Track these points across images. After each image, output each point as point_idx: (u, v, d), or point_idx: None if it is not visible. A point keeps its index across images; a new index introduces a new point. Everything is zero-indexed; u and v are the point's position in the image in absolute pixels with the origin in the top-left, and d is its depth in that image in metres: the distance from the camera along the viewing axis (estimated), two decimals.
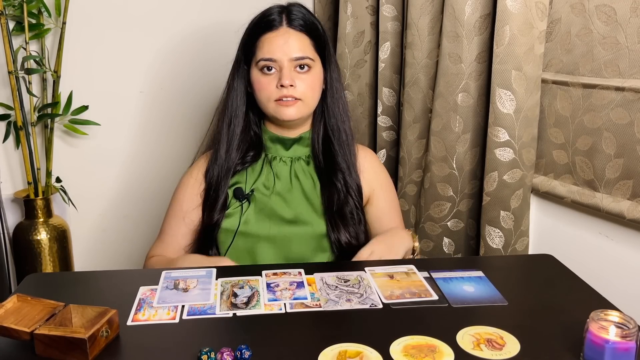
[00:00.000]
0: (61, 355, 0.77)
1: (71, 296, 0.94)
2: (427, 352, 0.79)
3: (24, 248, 1.72)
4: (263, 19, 1.18)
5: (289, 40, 1.15)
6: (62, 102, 1.75)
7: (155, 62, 1.88)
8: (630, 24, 1.15)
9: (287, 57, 1.15)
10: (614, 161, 1.20)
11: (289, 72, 1.15)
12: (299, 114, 1.18)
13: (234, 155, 1.21)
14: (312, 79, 1.18)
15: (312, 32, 1.19)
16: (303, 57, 1.16)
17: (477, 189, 1.51)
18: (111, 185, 1.92)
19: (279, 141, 1.23)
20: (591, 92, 1.24)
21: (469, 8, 1.38)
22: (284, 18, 1.17)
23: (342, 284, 1.00)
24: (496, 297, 0.96)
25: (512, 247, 1.42)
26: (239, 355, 0.76)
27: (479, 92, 1.43)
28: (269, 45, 1.16)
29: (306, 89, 1.17)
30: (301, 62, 1.16)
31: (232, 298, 0.94)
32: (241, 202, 1.19)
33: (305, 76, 1.16)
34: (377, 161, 1.33)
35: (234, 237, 1.18)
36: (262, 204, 1.20)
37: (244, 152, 1.22)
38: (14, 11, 1.65)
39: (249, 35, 1.20)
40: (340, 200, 1.21)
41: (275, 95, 1.16)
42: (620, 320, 0.75)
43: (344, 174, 1.22)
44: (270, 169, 1.23)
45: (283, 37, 1.16)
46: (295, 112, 1.17)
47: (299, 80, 1.16)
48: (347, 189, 1.22)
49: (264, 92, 1.17)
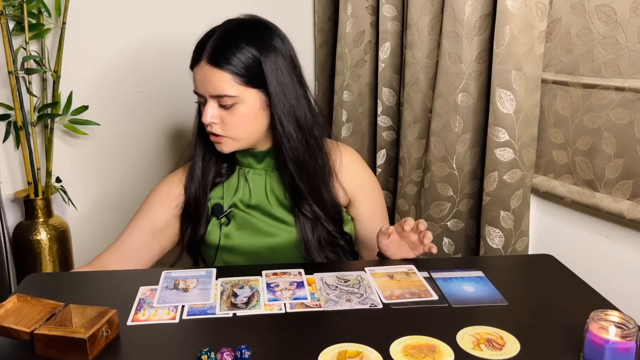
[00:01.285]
0: (61, 355, 0.77)
1: (71, 296, 0.94)
2: (427, 352, 0.79)
3: (24, 248, 1.72)
4: (195, 48, 1.12)
5: (206, 78, 1.08)
6: (62, 102, 1.75)
7: (155, 62, 1.88)
8: (630, 24, 1.15)
9: (208, 94, 1.09)
10: (614, 161, 1.20)
11: (209, 109, 1.09)
12: (230, 149, 1.13)
13: (210, 169, 1.18)
14: (238, 116, 1.09)
15: (236, 66, 1.07)
16: (221, 96, 1.07)
17: (477, 189, 1.51)
18: (111, 185, 1.92)
19: (250, 155, 1.18)
20: (591, 92, 1.24)
21: (469, 8, 1.38)
22: (206, 51, 1.08)
23: (342, 284, 1.00)
24: (496, 297, 0.96)
25: (512, 247, 1.42)
26: (239, 355, 0.76)
27: (479, 92, 1.43)
28: (195, 80, 1.11)
29: (230, 125, 1.09)
30: (221, 101, 1.08)
31: (232, 298, 0.94)
32: (219, 219, 1.17)
33: (230, 112, 1.09)
34: (358, 163, 1.25)
35: (216, 254, 1.17)
36: (242, 219, 1.17)
37: (219, 165, 1.19)
38: (14, 11, 1.65)
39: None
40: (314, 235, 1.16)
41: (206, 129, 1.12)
42: (620, 320, 0.75)
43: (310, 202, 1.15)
44: (246, 183, 1.19)
45: (201, 72, 1.09)
46: (225, 148, 1.12)
47: (224, 116, 1.09)
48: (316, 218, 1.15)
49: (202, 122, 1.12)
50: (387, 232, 1.09)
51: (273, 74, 1.09)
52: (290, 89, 1.11)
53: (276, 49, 1.10)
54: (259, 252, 1.16)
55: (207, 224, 1.17)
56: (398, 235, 1.10)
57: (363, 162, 1.27)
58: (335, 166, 1.19)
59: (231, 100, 1.08)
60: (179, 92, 1.92)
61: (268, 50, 1.09)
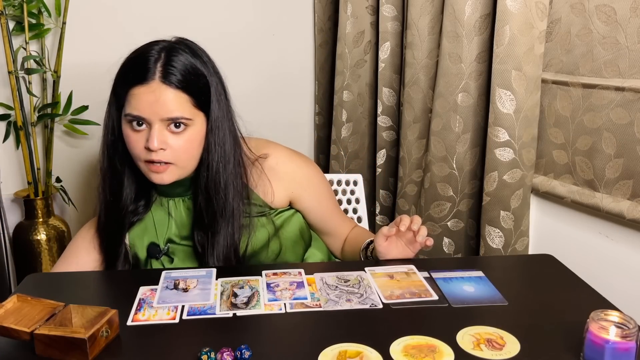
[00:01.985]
0: (61, 355, 0.77)
1: (71, 296, 0.94)
2: (427, 352, 0.79)
3: (24, 248, 1.72)
4: (136, 64, 1.02)
5: (160, 99, 0.98)
6: (62, 102, 1.75)
7: None
8: (630, 24, 1.15)
9: (158, 117, 0.98)
10: (614, 161, 1.20)
11: (159, 133, 0.98)
12: (173, 178, 1.03)
13: (121, 210, 1.08)
14: (188, 140, 1.01)
15: (192, 87, 1.01)
16: (177, 118, 0.99)
17: (477, 189, 1.51)
18: None
19: (177, 184, 1.07)
20: (591, 92, 1.24)
21: (469, 8, 1.38)
22: (159, 69, 0.99)
23: (342, 284, 1.00)
24: (496, 297, 0.96)
25: (512, 247, 1.42)
26: (239, 355, 0.76)
27: (479, 92, 1.43)
28: (138, 101, 0.99)
29: (179, 151, 1.01)
30: (172, 125, 1.00)
31: (232, 298, 0.94)
32: (158, 259, 1.11)
33: (178, 137, 1.00)
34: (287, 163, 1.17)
35: None
36: (182, 252, 1.12)
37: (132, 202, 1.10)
38: (14, 11, 1.65)
39: (120, 81, 1.04)
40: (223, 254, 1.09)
41: (143, 157, 1.01)
42: (620, 320, 0.75)
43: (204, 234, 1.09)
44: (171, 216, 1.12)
45: (154, 94, 0.98)
46: (167, 177, 1.03)
47: (172, 140, 1.00)
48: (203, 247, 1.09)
49: (133, 150, 1.02)
50: (390, 233, 1.07)
51: (216, 99, 1.05)
52: (225, 116, 1.07)
53: (217, 74, 1.07)
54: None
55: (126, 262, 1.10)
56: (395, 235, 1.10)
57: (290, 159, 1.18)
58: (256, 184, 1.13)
59: (185, 123, 1.00)
60: None
61: (212, 74, 1.06)
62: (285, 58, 2.10)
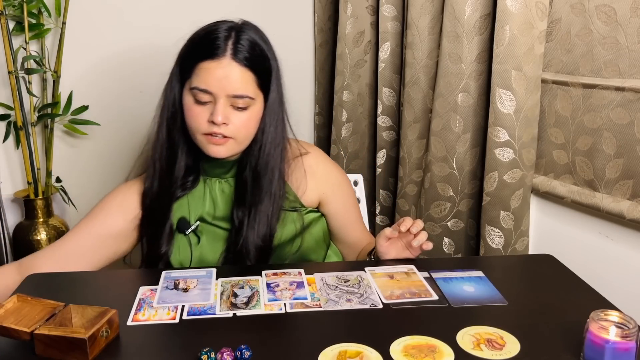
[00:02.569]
0: (61, 355, 0.77)
1: (71, 296, 0.94)
2: (427, 352, 0.79)
3: (24, 248, 1.72)
4: (206, 40, 1.04)
5: (229, 75, 1.01)
6: (62, 102, 1.75)
7: (155, 62, 1.88)
8: (630, 24, 1.15)
9: (225, 93, 1.02)
10: (614, 161, 1.20)
11: (223, 108, 1.02)
12: (229, 153, 1.07)
13: (172, 181, 1.11)
14: (249, 118, 1.05)
15: (258, 66, 1.05)
16: (242, 96, 1.03)
17: (477, 189, 1.51)
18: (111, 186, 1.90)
19: (219, 164, 1.12)
20: (591, 92, 1.24)
21: (469, 8, 1.38)
22: (230, 47, 1.02)
23: (342, 284, 1.00)
24: (496, 297, 0.96)
25: (512, 247, 1.42)
26: (239, 355, 0.76)
27: (479, 92, 1.43)
28: (207, 75, 1.02)
29: (240, 127, 1.04)
30: (239, 100, 1.03)
31: (232, 298, 0.94)
32: (186, 235, 1.12)
33: (241, 114, 1.04)
34: (323, 164, 1.21)
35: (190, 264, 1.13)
36: (212, 233, 1.13)
37: (182, 176, 1.12)
38: (14, 11, 1.65)
39: (188, 54, 1.07)
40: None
41: (204, 129, 1.04)
42: (620, 320, 0.75)
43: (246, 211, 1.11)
44: (210, 194, 1.14)
45: (224, 70, 1.01)
46: (224, 151, 1.06)
47: (234, 117, 1.04)
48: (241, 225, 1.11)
49: (194, 122, 1.05)
50: (393, 235, 1.09)
51: (275, 82, 1.09)
52: (280, 100, 1.12)
53: (277, 60, 1.11)
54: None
55: (170, 243, 1.11)
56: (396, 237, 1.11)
57: (328, 162, 1.24)
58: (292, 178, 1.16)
59: (248, 102, 1.04)
60: None
61: (274, 58, 1.10)
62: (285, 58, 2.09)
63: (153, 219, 1.12)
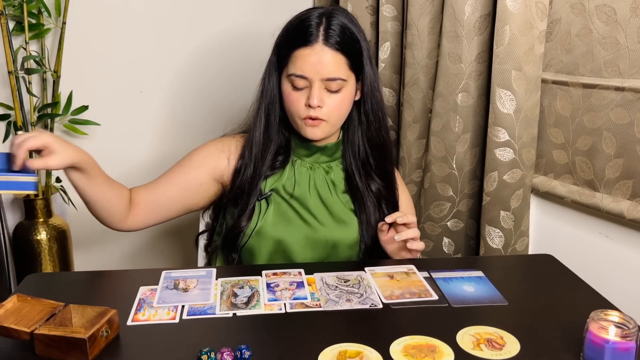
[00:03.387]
0: (61, 355, 0.77)
1: (71, 296, 0.94)
2: (427, 352, 0.79)
3: (24, 248, 1.72)
4: (300, 28, 1.11)
5: (322, 60, 1.08)
6: (62, 102, 1.75)
7: (155, 62, 1.88)
8: (630, 24, 1.15)
9: (319, 77, 1.09)
10: (614, 161, 1.20)
11: (318, 91, 1.09)
12: (323, 134, 1.14)
13: (267, 160, 1.18)
14: (341, 100, 1.12)
15: (350, 49, 1.11)
16: (335, 79, 1.09)
17: (477, 189, 1.51)
18: None
19: (305, 146, 1.20)
20: (591, 92, 1.24)
21: (469, 8, 1.38)
22: (321, 33, 1.09)
23: (342, 284, 1.00)
24: (496, 297, 0.96)
25: (512, 247, 1.42)
26: (239, 355, 0.76)
27: (479, 92, 1.43)
28: (302, 62, 1.09)
29: (333, 109, 1.12)
30: (333, 83, 1.10)
31: (232, 298, 0.94)
32: (259, 200, 1.17)
33: (334, 96, 1.11)
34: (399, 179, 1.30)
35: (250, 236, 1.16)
36: (280, 206, 1.18)
37: (273, 155, 1.19)
38: (14, 11, 1.65)
39: (284, 43, 1.14)
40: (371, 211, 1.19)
41: (302, 114, 1.12)
42: (620, 320, 0.76)
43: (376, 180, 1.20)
44: (292, 172, 1.20)
45: (317, 55, 1.08)
46: (319, 133, 1.14)
47: (328, 100, 1.11)
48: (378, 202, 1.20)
49: (293, 107, 1.13)
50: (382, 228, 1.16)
51: (369, 61, 1.15)
52: (377, 79, 1.18)
53: (367, 41, 1.17)
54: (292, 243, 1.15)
55: (250, 219, 1.16)
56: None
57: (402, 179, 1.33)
58: None
59: (342, 83, 1.10)
60: (178, 91, 1.93)
61: (364, 40, 1.15)
62: None
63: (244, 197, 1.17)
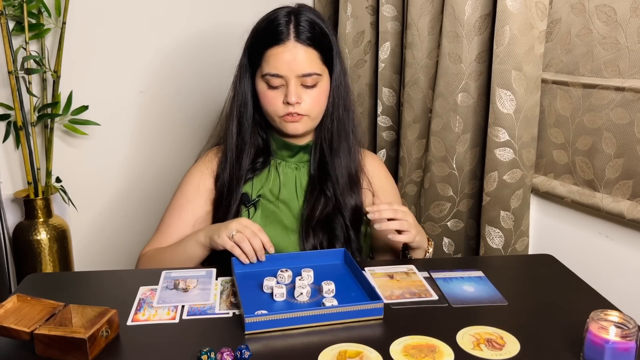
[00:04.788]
0: (61, 355, 0.77)
1: (71, 296, 0.94)
2: (427, 352, 0.79)
3: (24, 248, 1.72)
4: (269, 28, 1.12)
5: (296, 57, 1.09)
6: (62, 102, 1.75)
7: (155, 62, 1.88)
8: (630, 24, 1.15)
9: (294, 74, 1.10)
10: (614, 161, 1.20)
11: (295, 88, 1.10)
12: (305, 129, 1.15)
13: (244, 163, 1.18)
14: (318, 94, 1.13)
15: (321, 44, 1.12)
16: (310, 74, 1.11)
17: (477, 189, 1.51)
18: (111, 185, 1.92)
19: (286, 147, 1.20)
20: (591, 92, 1.24)
21: (469, 8, 1.38)
22: (292, 30, 1.10)
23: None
24: (496, 297, 0.96)
25: (512, 247, 1.42)
26: (239, 355, 0.76)
27: (479, 92, 1.43)
28: (276, 60, 1.10)
29: (312, 104, 1.13)
30: (308, 79, 1.11)
31: (232, 298, 0.94)
32: (247, 207, 1.18)
33: (311, 91, 1.12)
34: (378, 165, 1.30)
35: None
36: (267, 210, 1.18)
37: (252, 158, 1.20)
38: (14, 11, 1.65)
39: (255, 44, 1.14)
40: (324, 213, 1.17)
41: (281, 112, 1.12)
42: (620, 320, 0.75)
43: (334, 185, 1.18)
44: (277, 175, 1.21)
45: (290, 52, 1.09)
46: (301, 127, 1.14)
47: (305, 95, 1.12)
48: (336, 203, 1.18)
49: (270, 106, 1.13)
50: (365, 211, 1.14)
51: (337, 57, 1.16)
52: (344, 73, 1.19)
53: (336, 38, 1.18)
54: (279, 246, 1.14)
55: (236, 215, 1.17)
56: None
57: (383, 166, 1.33)
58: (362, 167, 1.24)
59: (317, 78, 1.12)
60: (178, 91, 1.93)
61: (333, 34, 1.16)
62: None
63: (224, 202, 1.18)
